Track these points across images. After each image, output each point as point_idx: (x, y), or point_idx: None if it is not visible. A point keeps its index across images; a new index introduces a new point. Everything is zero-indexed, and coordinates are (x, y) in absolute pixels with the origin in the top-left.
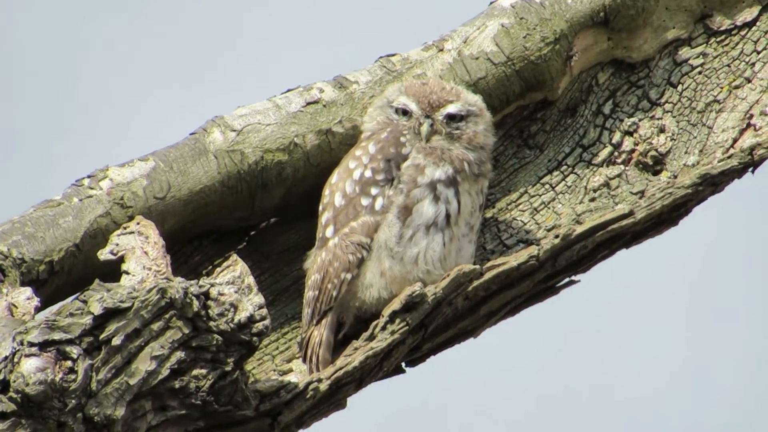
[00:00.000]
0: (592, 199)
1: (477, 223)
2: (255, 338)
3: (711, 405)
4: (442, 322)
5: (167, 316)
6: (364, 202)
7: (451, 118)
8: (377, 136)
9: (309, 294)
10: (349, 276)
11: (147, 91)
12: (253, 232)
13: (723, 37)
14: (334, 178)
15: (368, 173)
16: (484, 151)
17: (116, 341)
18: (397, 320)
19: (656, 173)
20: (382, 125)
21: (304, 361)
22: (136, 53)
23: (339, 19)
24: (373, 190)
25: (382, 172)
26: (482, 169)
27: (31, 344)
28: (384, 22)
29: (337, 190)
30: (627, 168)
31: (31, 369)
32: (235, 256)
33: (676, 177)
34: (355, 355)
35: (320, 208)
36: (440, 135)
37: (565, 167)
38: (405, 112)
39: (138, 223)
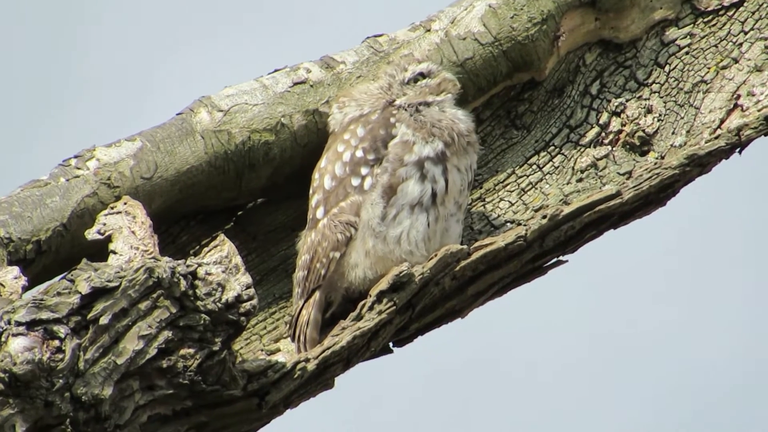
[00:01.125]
0: (580, 180)
1: (465, 201)
2: (242, 318)
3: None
4: (429, 302)
5: (155, 295)
6: (354, 182)
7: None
8: (366, 118)
9: (299, 274)
10: (337, 255)
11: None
12: (240, 212)
13: (710, 17)
14: (322, 162)
15: (359, 153)
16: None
17: (104, 320)
18: (385, 300)
19: (643, 154)
20: (368, 109)
21: (293, 340)
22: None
23: None
24: (363, 170)
25: (372, 152)
26: (471, 138)
27: (19, 323)
28: (371, 3)
29: (326, 173)
30: (614, 148)
31: (19, 348)
32: (222, 236)
33: (663, 157)
34: (342, 335)
35: (310, 191)
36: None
37: (552, 148)
38: (422, 76)
39: (125, 203)
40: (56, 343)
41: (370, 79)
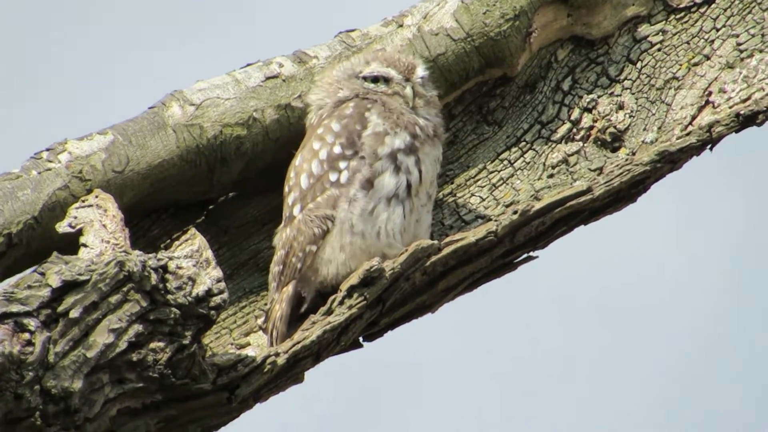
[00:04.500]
0: (551, 176)
1: (434, 193)
2: (213, 312)
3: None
4: (399, 297)
5: (125, 289)
6: (332, 177)
7: (423, 79)
8: (340, 112)
9: (274, 269)
10: (314, 248)
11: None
12: (211, 206)
13: (682, 14)
14: (297, 159)
15: (337, 149)
16: (439, 118)
17: (74, 314)
18: (355, 295)
19: (615, 150)
20: (343, 100)
21: (266, 333)
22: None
23: None
24: (341, 165)
25: (349, 146)
26: (437, 131)
27: None
28: None
29: (302, 171)
30: (585, 144)
31: None
32: (193, 230)
33: (634, 154)
34: (312, 330)
35: (286, 189)
36: (420, 98)
37: (523, 143)
38: (383, 80)
39: (96, 197)
40: (26, 335)
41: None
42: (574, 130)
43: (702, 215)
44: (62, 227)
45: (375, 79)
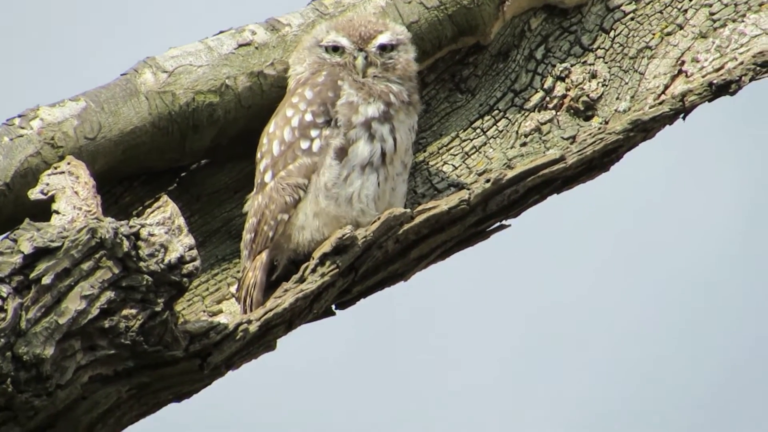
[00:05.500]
0: (524, 144)
1: (410, 161)
2: (185, 279)
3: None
4: (372, 265)
5: (97, 256)
6: (303, 145)
7: (383, 48)
8: (313, 80)
9: (246, 237)
10: (285, 217)
11: (71, 28)
12: (183, 174)
13: None
14: (271, 126)
15: (308, 117)
16: (412, 83)
17: (46, 280)
18: (327, 263)
19: (588, 119)
20: (315, 68)
21: (239, 302)
22: None
23: None
24: (313, 133)
25: (321, 114)
26: (412, 99)
27: None
28: None
29: (274, 138)
30: (558, 113)
31: None
32: (165, 198)
33: (607, 123)
34: (285, 297)
35: (258, 155)
36: (375, 67)
37: (496, 112)
38: (336, 49)
39: (68, 163)
40: None
41: None
42: (547, 98)
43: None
44: (34, 194)
45: (332, 49)
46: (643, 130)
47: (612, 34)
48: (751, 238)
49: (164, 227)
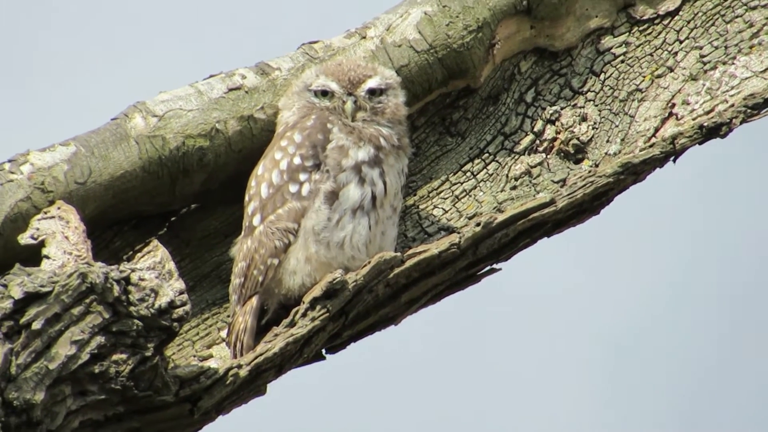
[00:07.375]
0: (514, 188)
1: (399, 205)
2: (175, 324)
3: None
4: (362, 309)
5: (88, 300)
6: (292, 188)
7: (372, 92)
8: (302, 123)
9: (235, 281)
10: (275, 261)
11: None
12: (173, 218)
13: (646, 26)
14: (259, 169)
15: (297, 160)
16: (402, 126)
17: (36, 325)
18: (318, 307)
19: (578, 162)
20: (304, 112)
21: (229, 347)
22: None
23: (263, 4)
24: (302, 176)
25: (310, 158)
26: (402, 142)
27: None
28: (307, 9)
29: (263, 180)
30: (548, 156)
31: None
32: (155, 242)
33: (597, 166)
34: (275, 342)
35: (246, 198)
36: (365, 111)
37: (486, 155)
38: (325, 93)
39: (59, 208)
40: None
41: None
42: (537, 141)
43: None
44: (24, 239)
45: (321, 93)
46: (633, 173)
47: (602, 76)
48: None
49: (155, 272)
